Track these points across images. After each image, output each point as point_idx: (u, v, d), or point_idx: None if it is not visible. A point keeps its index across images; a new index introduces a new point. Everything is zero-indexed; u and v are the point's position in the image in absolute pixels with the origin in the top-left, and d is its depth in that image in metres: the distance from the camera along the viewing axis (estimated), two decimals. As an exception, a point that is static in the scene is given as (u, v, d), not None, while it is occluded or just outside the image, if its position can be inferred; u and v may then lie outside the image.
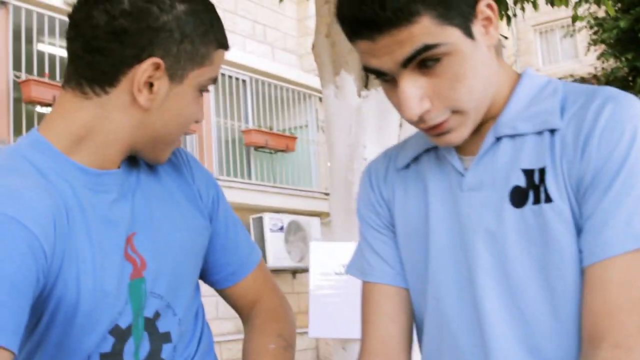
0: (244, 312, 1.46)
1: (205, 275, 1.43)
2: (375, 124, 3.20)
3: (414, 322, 1.31)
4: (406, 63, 1.07)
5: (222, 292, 1.46)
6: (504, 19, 5.23)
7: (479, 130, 1.18)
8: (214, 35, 1.23)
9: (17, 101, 7.10)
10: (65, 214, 1.15)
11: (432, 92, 1.09)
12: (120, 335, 1.22)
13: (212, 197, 1.41)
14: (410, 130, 1.24)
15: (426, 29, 1.04)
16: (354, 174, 3.21)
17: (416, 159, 1.27)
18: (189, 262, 1.33)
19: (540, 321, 1.11)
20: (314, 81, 10.39)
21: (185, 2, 1.19)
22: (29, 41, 7.27)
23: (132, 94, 1.18)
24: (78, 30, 1.18)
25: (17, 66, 7.14)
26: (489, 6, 1.11)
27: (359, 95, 3.27)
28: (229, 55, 1.33)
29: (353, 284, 3.27)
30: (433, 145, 1.22)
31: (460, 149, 1.20)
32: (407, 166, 1.28)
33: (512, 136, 1.15)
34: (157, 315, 1.27)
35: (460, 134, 1.14)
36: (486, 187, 1.15)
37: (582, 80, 13.07)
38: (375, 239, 1.31)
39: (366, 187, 1.34)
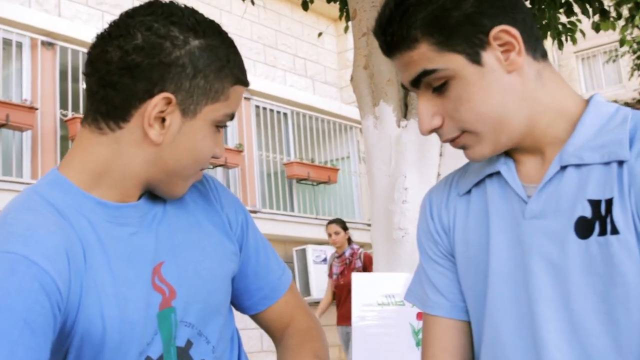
0: (277, 334, 1.45)
1: (237, 301, 1.42)
2: (416, 153, 3.19)
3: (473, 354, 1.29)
4: (414, 84, 1.16)
5: (255, 317, 1.45)
6: (554, 43, 5.19)
7: (542, 156, 1.17)
8: (230, 70, 1.22)
9: (64, 139, 7.25)
10: (81, 249, 1.15)
11: (443, 111, 1.15)
12: None
13: (241, 222, 1.40)
14: (451, 159, 1.26)
15: (424, 55, 1.12)
16: (395, 203, 3.20)
17: (478, 184, 1.26)
18: (219, 289, 1.33)
19: (602, 356, 1.08)
20: (355, 113, 10.42)
21: (200, 38, 1.18)
22: (75, 80, 7.43)
23: (143, 129, 1.18)
24: (94, 66, 1.19)
25: (63, 105, 7.30)
26: (506, 32, 1.11)
27: (399, 125, 3.27)
28: (270, 89, 1.35)
29: (396, 314, 3.24)
30: (496, 171, 1.21)
31: (524, 176, 1.19)
32: (469, 191, 1.27)
33: (578, 165, 1.13)
34: (189, 343, 1.26)
35: (478, 151, 1.17)
36: (549, 216, 1.13)
37: (627, 105, 12.87)
38: (433, 270, 1.30)
39: (425, 216, 1.33)
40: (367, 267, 6.90)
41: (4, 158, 6.78)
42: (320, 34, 5.71)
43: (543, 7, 4.94)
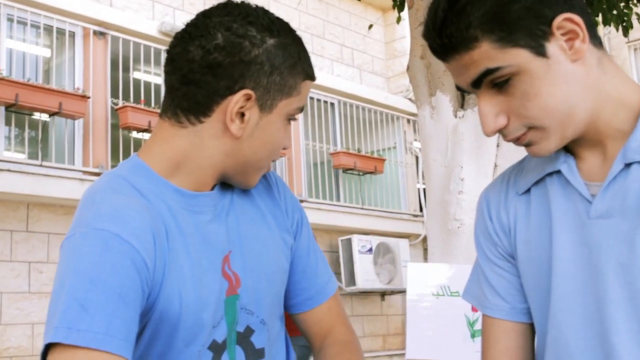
0: (317, 341, 1.48)
1: (284, 297, 1.45)
2: (472, 144, 3.17)
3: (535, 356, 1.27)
4: (475, 85, 1.12)
5: (296, 317, 1.49)
6: (620, 29, 5.08)
7: (603, 150, 1.14)
8: (301, 66, 1.28)
9: (115, 127, 7.34)
10: (164, 231, 1.22)
11: (508, 109, 1.12)
12: (217, 349, 1.28)
13: (297, 220, 1.46)
14: (508, 150, 1.24)
15: (486, 54, 1.08)
16: (451, 194, 3.18)
17: (537, 183, 1.23)
18: (278, 280, 1.38)
19: None
20: (402, 103, 10.37)
21: (275, 37, 1.25)
22: (126, 69, 7.52)
23: (224, 123, 1.25)
24: (175, 64, 1.26)
25: (114, 93, 7.39)
26: (569, 20, 1.08)
27: (455, 116, 3.25)
28: (317, 78, 1.38)
29: (451, 305, 3.22)
30: (556, 169, 1.19)
31: (586, 174, 1.16)
32: (528, 190, 1.24)
33: None
34: (250, 330, 1.32)
35: (544, 147, 1.14)
36: (616, 215, 1.10)
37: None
38: (492, 272, 1.29)
39: (483, 216, 1.31)
40: None
41: (57, 145, 6.89)
42: (370, 26, 5.70)
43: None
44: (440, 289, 3.16)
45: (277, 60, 1.24)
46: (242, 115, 1.25)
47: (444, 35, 1.11)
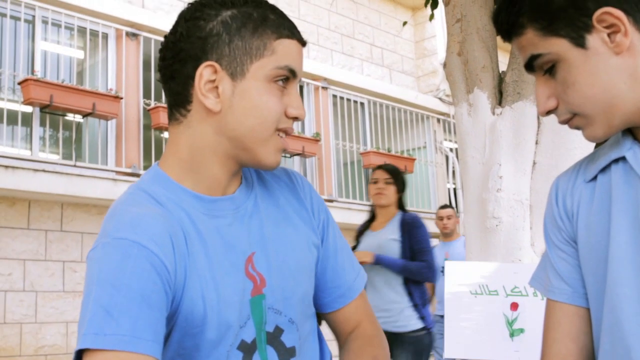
0: (343, 337, 1.50)
1: (315, 298, 1.47)
2: (511, 141, 3.13)
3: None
4: (528, 68, 1.21)
5: (327, 316, 1.51)
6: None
7: None
8: (268, 27, 1.27)
9: (147, 127, 7.39)
10: (183, 237, 1.25)
11: (556, 93, 1.19)
12: (247, 349, 1.29)
13: (323, 221, 1.47)
14: (547, 147, 1.26)
15: (531, 41, 1.18)
16: (489, 192, 3.15)
17: (604, 170, 1.25)
18: (305, 279, 1.39)
19: None
20: (432, 102, 10.34)
21: (230, 8, 1.27)
22: (158, 70, 7.56)
23: (203, 104, 1.26)
24: (158, 68, 1.33)
25: (146, 94, 7.45)
26: (609, 14, 1.11)
27: (493, 113, 3.21)
28: (347, 78, 1.39)
29: (489, 304, 3.20)
30: (621, 155, 1.20)
31: None
32: (595, 178, 1.26)
33: None
34: (279, 330, 1.33)
35: (592, 133, 1.18)
36: None
37: None
38: (556, 256, 1.31)
39: (551, 201, 1.34)
40: None
41: (90, 146, 6.96)
42: (405, 23, 5.67)
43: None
44: (478, 288, 3.14)
45: (233, 27, 1.25)
46: (217, 89, 1.26)
47: (499, 22, 1.22)
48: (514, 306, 3.09)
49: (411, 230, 4.58)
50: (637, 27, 1.12)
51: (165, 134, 7.56)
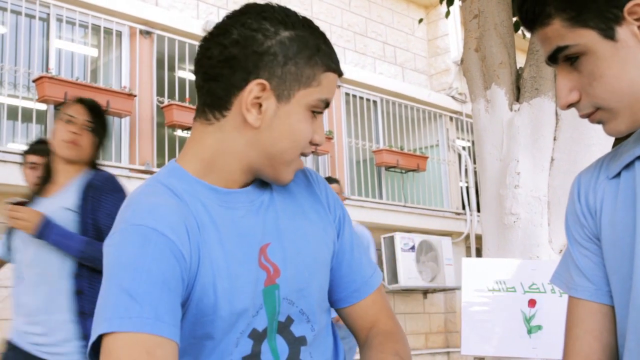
0: (362, 333, 1.50)
1: (330, 293, 1.49)
2: (528, 137, 3.13)
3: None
4: (551, 60, 1.18)
5: (342, 311, 1.52)
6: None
7: None
8: (320, 59, 1.31)
9: (160, 125, 7.41)
10: (197, 226, 1.27)
11: (580, 86, 1.15)
12: (257, 337, 1.31)
13: (339, 217, 1.49)
14: (565, 143, 1.24)
15: (557, 32, 1.14)
16: (507, 188, 3.15)
17: (627, 166, 1.23)
18: (320, 272, 1.41)
19: None
20: (444, 101, 10.32)
21: (289, 29, 1.29)
22: (171, 68, 7.58)
23: (243, 115, 1.29)
24: (199, 63, 1.33)
25: (160, 92, 7.46)
26: None
27: (511, 109, 3.21)
28: (360, 76, 1.41)
29: (507, 301, 3.19)
30: None
31: None
32: (619, 174, 1.25)
33: None
34: (290, 320, 1.35)
35: (614, 127, 1.16)
36: None
37: None
38: (579, 253, 1.30)
39: (573, 198, 1.33)
40: None
41: (105, 143, 6.97)
42: (421, 20, 5.68)
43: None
44: (495, 284, 3.13)
45: (290, 51, 1.28)
46: (260, 106, 1.29)
47: (524, 11, 1.18)
48: (532, 303, 3.08)
49: (99, 197, 2.94)
50: None
51: (179, 132, 7.57)
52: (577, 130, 3.06)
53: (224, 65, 1.28)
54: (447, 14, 5.27)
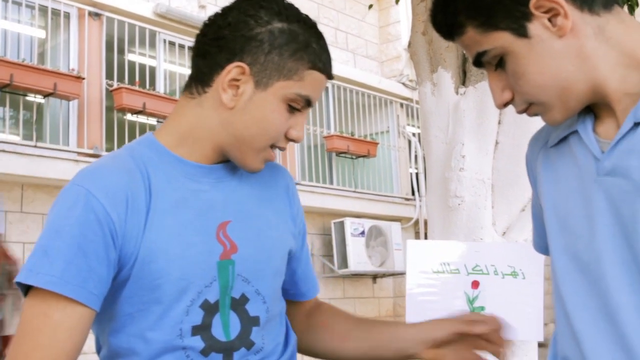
0: (301, 325, 1.61)
1: (282, 287, 1.54)
2: (474, 121, 3.18)
3: None
4: (477, 64, 1.21)
5: (291, 304, 1.60)
6: (625, 7, 5.04)
7: (621, 112, 1.15)
8: (307, 55, 1.34)
9: (109, 109, 7.31)
10: (148, 193, 1.32)
11: (510, 85, 1.19)
12: (209, 309, 1.34)
13: (300, 229, 1.55)
14: (509, 127, 1.28)
15: (473, 39, 1.17)
16: (452, 171, 3.19)
17: (564, 139, 1.26)
18: (278, 256, 1.45)
19: None
20: (395, 87, 10.37)
21: (283, 22, 1.33)
22: (121, 51, 7.48)
23: (220, 93, 1.34)
24: (196, 39, 1.39)
25: (109, 75, 7.36)
26: None
27: (457, 92, 3.25)
28: None
29: (451, 282, 3.23)
30: (574, 129, 1.22)
31: (603, 133, 1.18)
32: (557, 145, 1.27)
33: None
34: (245, 298, 1.38)
35: (551, 118, 1.20)
36: (620, 174, 1.11)
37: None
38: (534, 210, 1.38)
39: (527, 157, 1.38)
40: None
41: (52, 126, 6.86)
42: (371, 6, 5.69)
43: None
44: (440, 266, 3.17)
45: (277, 42, 1.32)
46: (238, 88, 1.33)
47: (437, 24, 1.22)
48: (475, 284, 3.13)
49: None
50: (576, 6, 1.12)
51: (129, 116, 7.49)
52: (522, 115, 3.11)
53: (213, 44, 1.34)
54: (397, 0, 5.29)
